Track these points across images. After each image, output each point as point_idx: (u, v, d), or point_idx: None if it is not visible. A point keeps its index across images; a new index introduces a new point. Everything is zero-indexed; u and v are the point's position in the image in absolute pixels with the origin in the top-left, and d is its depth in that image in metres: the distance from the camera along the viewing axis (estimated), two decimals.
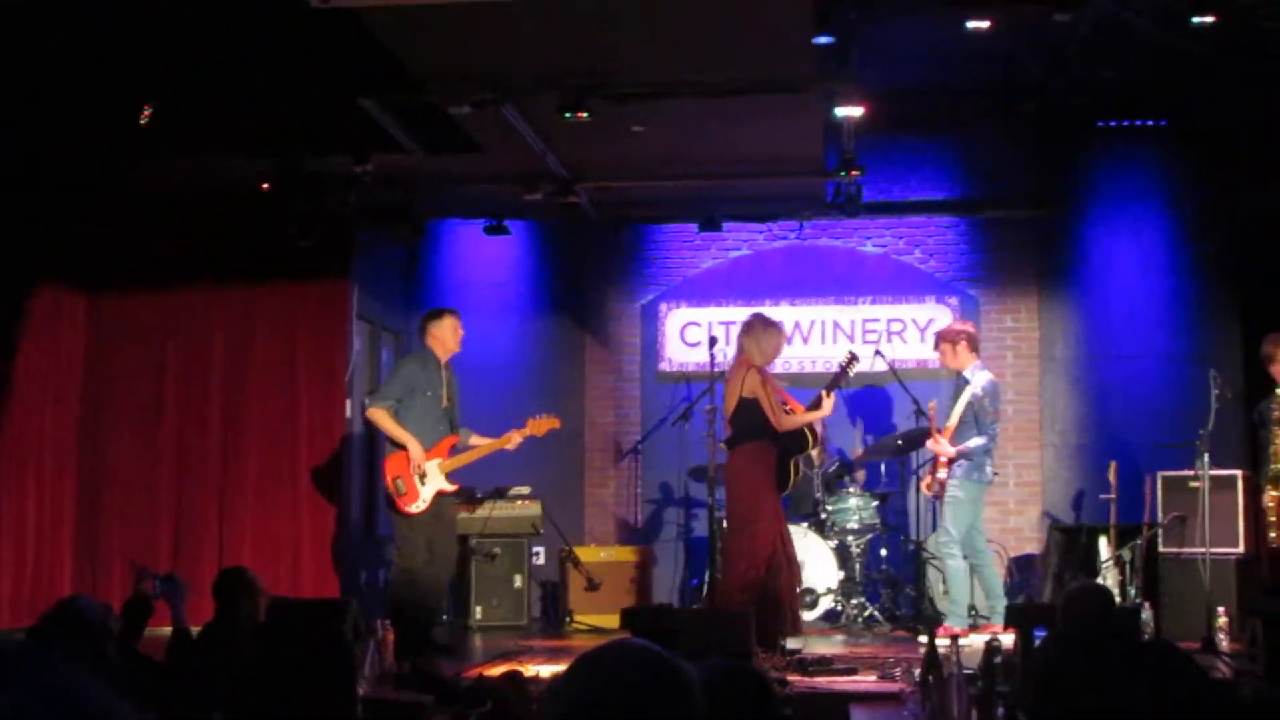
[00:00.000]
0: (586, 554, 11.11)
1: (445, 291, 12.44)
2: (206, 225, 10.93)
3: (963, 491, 9.90)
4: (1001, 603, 9.67)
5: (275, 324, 11.13)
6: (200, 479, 10.95)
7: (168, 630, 6.47)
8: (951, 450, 9.87)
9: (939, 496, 10.00)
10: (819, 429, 9.11)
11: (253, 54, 8.48)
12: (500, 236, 11.87)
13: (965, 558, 9.84)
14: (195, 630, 6.34)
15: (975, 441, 9.87)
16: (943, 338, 10.22)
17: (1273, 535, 8.96)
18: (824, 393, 9.09)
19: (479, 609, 11.06)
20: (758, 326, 9.03)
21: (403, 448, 9.26)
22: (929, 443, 10.02)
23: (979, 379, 9.99)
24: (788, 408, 8.88)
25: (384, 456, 9.47)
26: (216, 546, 10.81)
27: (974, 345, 10.17)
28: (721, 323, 12.01)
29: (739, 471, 8.78)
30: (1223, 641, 8.91)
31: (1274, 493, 8.84)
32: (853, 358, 9.20)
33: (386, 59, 8.28)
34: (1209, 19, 8.47)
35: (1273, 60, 9.32)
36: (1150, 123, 11.15)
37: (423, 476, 9.21)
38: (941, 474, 9.92)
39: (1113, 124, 11.27)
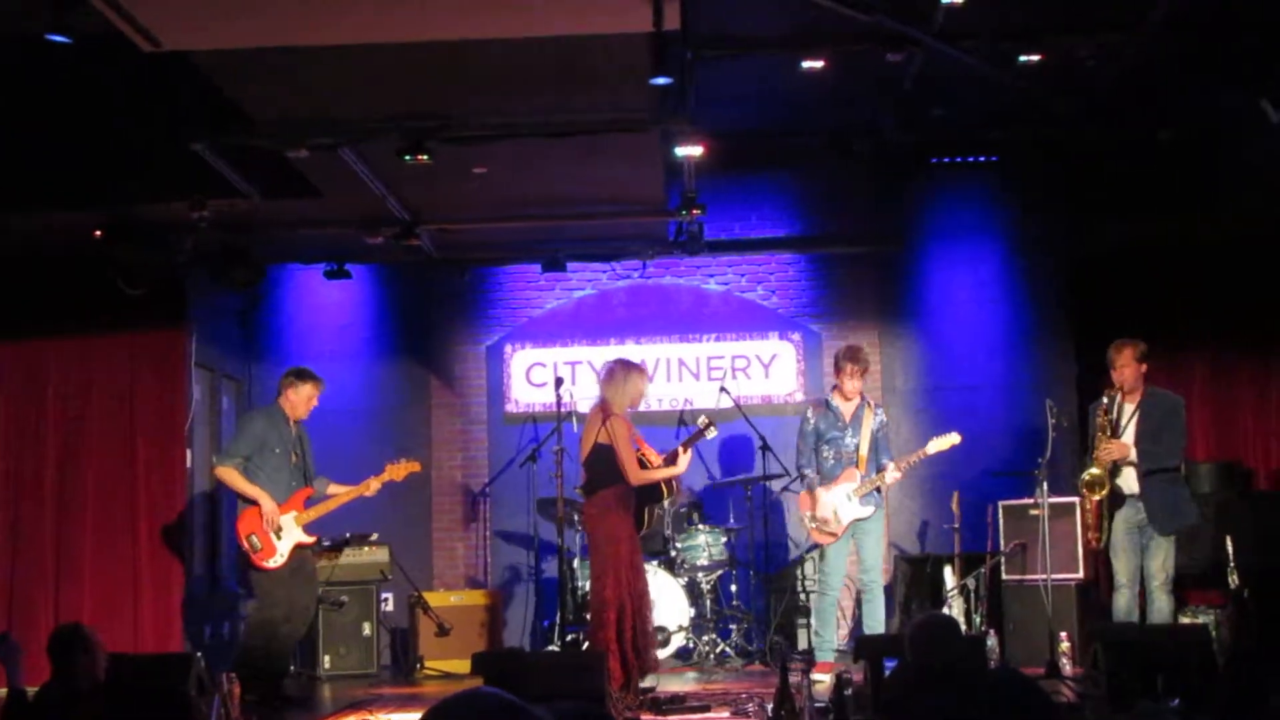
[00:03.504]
0: (436, 599, 11.00)
1: (287, 337, 12.30)
2: (37, 274, 10.68)
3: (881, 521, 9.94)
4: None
5: (111, 374, 10.90)
6: (34, 535, 10.64)
7: (3, 692, 6.26)
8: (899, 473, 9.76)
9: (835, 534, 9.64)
10: (674, 480, 9.01)
11: (82, 100, 8.32)
12: (341, 280, 11.78)
13: (834, 591, 9.79)
14: (31, 691, 6.15)
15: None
16: (854, 359, 9.81)
17: (1090, 536, 9.20)
18: (680, 449, 8.86)
19: (327, 658, 10.88)
20: (619, 372, 8.80)
21: (255, 504, 9.09)
22: (902, 466, 9.72)
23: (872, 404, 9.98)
24: (639, 451, 8.82)
25: (236, 513, 9.26)
26: (53, 604, 10.51)
27: None
28: (567, 363, 12.12)
29: (598, 518, 8.66)
30: (1066, 666, 9.10)
31: (1094, 497, 9.06)
32: (710, 424, 9.06)
33: (221, 103, 8.17)
34: (1035, 57, 8.70)
35: (1095, 96, 9.58)
36: (981, 159, 11.37)
37: (278, 531, 9.06)
38: (863, 510, 9.62)
39: (945, 161, 11.48)
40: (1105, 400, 9.12)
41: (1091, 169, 11.16)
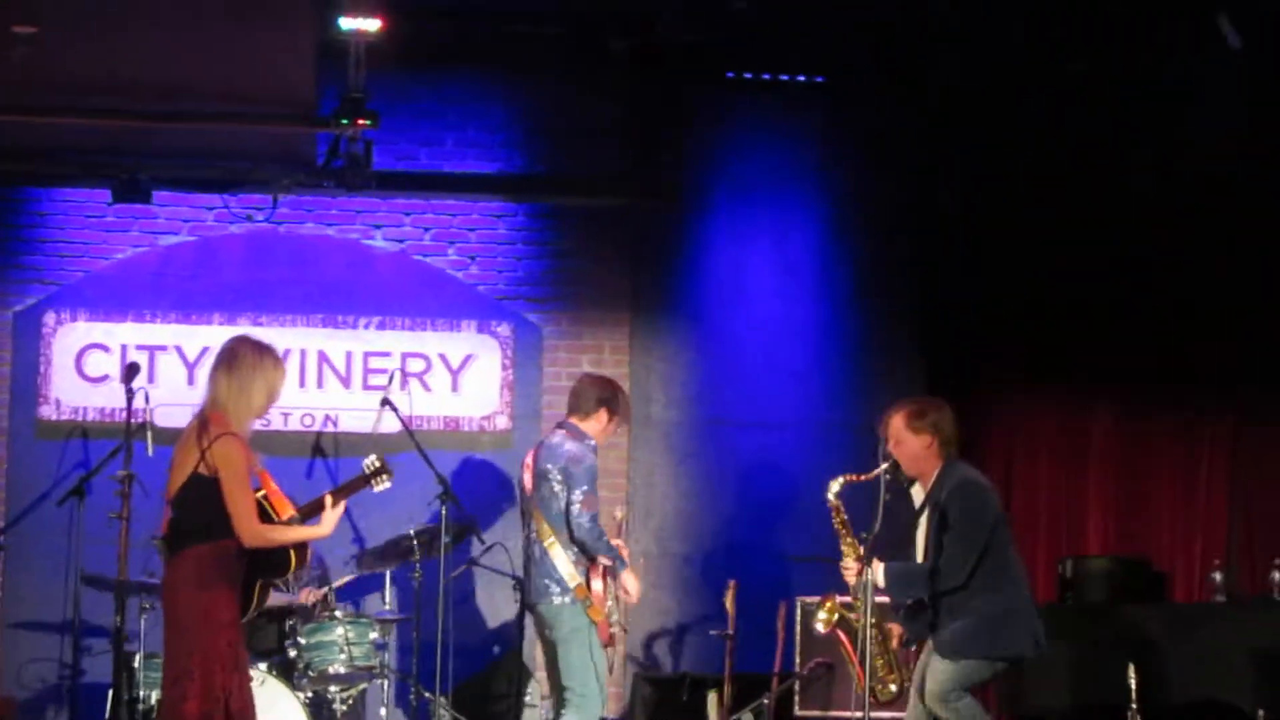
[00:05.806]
0: None
1: None
2: None
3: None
4: None
5: None
6: None
7: None
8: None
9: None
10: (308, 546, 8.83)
11: None
12: None
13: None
14: None
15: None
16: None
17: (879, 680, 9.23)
18: (329, 498, 8.62)
19: None
20: (245, 357, 8.46)
21: None
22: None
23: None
24: (261, 491, 8.53)
25: None
26: None
27: None
28: (143, 346, 12.04)
29: (182, 588, 8.27)
30: None
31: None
32: (383, 469, 8.82)
33: None
34: None
35: None
36: (802, 78, 11.47)
37: None
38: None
39: (749, 77, 11.60)
40: (836, 488, 8.93)
41: (969, 95, 11.51)
